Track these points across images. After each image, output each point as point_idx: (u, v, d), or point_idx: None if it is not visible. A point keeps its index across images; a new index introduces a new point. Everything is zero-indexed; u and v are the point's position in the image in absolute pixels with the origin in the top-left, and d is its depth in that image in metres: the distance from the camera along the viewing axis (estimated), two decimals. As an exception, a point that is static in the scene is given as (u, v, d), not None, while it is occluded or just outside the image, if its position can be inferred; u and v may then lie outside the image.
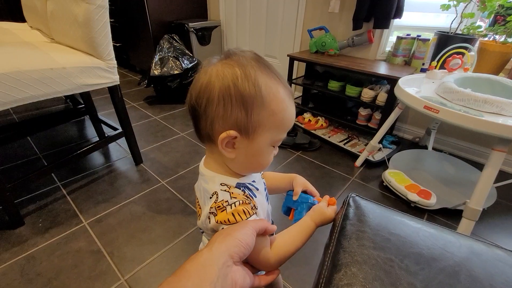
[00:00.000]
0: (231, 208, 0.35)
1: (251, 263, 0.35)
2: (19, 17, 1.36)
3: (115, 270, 0.84)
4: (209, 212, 0.36)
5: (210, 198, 0.37)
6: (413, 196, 1.10)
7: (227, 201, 0.35)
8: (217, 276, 0.27)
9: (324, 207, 0.43)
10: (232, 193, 0.36)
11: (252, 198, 0.38)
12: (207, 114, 0.34)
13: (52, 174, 1.22)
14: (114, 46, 1.02)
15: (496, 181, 0.96)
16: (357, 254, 0.33)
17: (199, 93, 0.34)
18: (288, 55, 1.70)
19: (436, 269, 0.31)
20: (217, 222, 0.35)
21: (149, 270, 0.84)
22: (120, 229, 0.98)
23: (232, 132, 0.33)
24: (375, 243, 0.34)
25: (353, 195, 0.43)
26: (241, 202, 0.36)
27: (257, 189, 0.40)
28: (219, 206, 0.35)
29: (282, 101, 0.35)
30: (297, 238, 0.39)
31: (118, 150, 1.46)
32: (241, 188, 0.38)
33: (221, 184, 0.37)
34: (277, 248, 0.38)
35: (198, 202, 0.42)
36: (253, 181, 0.40)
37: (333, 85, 1.61)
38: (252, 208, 0.37)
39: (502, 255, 0.34)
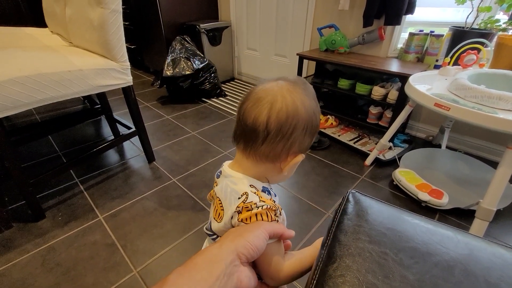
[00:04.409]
0: (257, 209, 0.35)
1: (260, 271, 0.35)
2: (41, 23, 1.45)
3: (128, 262, 0.88)
4: (235, 211, 0.36)
5: (239, 198, 0.36)
6: (423, 196, 1.07)
7: (256, 203, 0.35)
8: (224, 273, 0.28)
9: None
10: (261, 196, 0.37)
11: (275, 202, 0.39)
12: (291, 139, 0.37)
13: (71, 170, 1.29)
14: (129, 48, 1.06)
15: (512, 180, 0.93)
16: (352, 247, 0.34)
17: (287, 118, 0.35)
18: (297, 54, 1.70)
19: (431, 263, 0.31)
20: (238, 220, 0.35)
21: (159, 263, 0.88)
22: (133, 224, 1.02)
23: (301, 157, 0.39)
24: (371, 237, 0.35)
25: (352, 191, 0.44)
26: (268, 206, 0.36)
27: (275, 195, 0.41)
28: (247, 207, 0.35)
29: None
30: (310, 260, 0.38)
31: (132, 148, 1.51)
32: (266, 192, 0.39)
33: (250, 185, 0.38)
34: (292, 264, 0.37)
35: (219, 205, 0.39)
36: (271, 187, 0.42)
37: (343, 83, 1.60)
38: (275, 214, 0.37)
39: (501, 252, 0.34)
